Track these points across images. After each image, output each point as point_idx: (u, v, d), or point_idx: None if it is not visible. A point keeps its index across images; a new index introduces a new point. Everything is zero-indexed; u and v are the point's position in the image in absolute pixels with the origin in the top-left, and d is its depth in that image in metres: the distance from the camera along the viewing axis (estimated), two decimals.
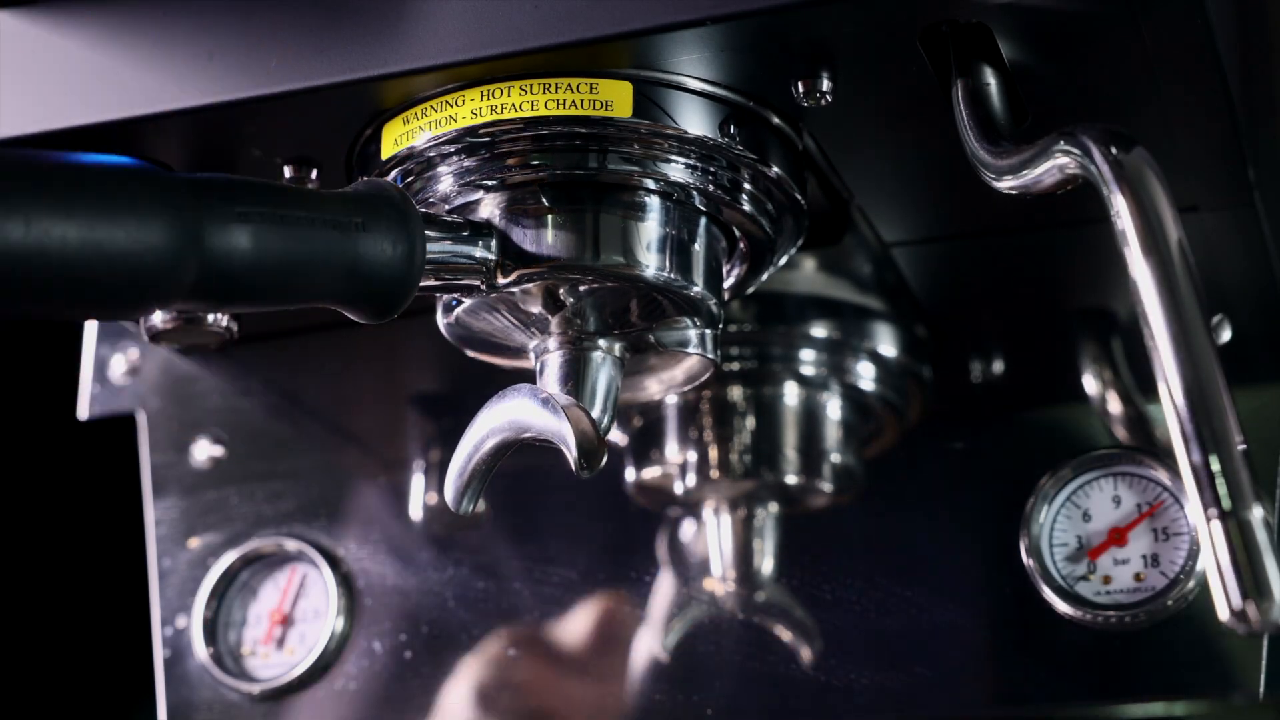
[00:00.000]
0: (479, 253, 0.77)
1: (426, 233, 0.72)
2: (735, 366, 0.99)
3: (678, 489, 1.01)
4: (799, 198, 0.83)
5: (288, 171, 0.84)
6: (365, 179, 0.75)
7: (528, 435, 0.78)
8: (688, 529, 1.02)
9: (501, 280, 0.78)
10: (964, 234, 0.95)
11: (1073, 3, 0.72)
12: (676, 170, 0.79)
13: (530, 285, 0.79)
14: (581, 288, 0.79)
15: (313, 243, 0.67)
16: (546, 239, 0.78)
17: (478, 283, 0.78)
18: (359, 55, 0.77)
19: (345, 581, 1.06)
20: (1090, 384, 0.98)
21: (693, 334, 0.82)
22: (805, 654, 0.97)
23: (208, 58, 0.79)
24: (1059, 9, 0.72)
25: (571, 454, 0.75)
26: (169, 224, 0.64)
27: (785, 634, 0.98)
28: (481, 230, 0.78)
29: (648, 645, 1.00)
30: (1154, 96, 0.78)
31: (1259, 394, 0.94)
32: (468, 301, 0.81)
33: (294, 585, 1.07)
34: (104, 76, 0.80)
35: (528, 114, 0.77)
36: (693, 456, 1.00)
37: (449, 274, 0.77)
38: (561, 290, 0.79)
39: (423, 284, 0.73)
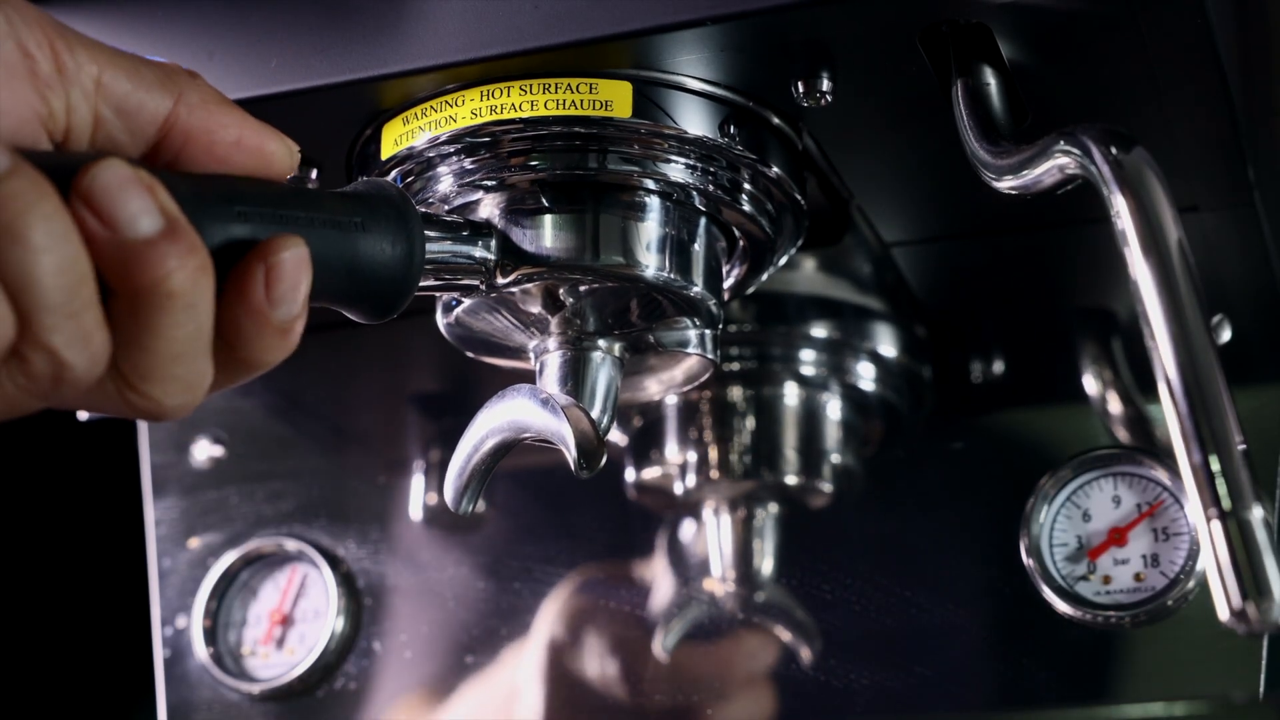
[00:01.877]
0: (478, 253, 0.77)
1: (426, 232, 0.72)
2: (735, 366, 0.99)
3: (678, 489, 1.01)
4: (799, 198, 0.83)
5: None
6: (365, 178, 0.74)
7: (527, 435, 0.78)
8: (688, 529, 1.02)
9: (501, 280, 0.78)
10: (964, 234, 0.95)
11: (1073, 3, 0.72)
12: (676, 170, 0.79)
13: (530, 285, 0.79)
14: (581, 288, 0.79)
15: (312, 242, 0.67)
16: (546, 239, 0.78)
17: (477, 283, 0.78)
18: (359, 55, 0.77)
19: (345, 581, 1.06)
20: (1090, 384, 0.98)
21: (692, 334, 0.82)
22: (805, 654, 0.97)
23: (208, 57, 0.79)
24: (1059, 9, 0.72)
25: (571, 454, 0.75)
26: None
27: (785, 634, 0.98)
28: (481, 230, 0.78)
29: (648, 645, 1.00)
30: (1154, 96, 0.78)
31: (1259, 394, 0.94)
32: (467, 301, 0.81)
33: (294, 585, 1.07)
34: None
35: (527, 114, 0.77)
36: (693, 457, 1.00)
37: (449, 274, 0.77)
38: (561, 290, 0.79)
39: (422, 284, 0.73)
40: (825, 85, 0.77)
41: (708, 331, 0.83)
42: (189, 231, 0.61)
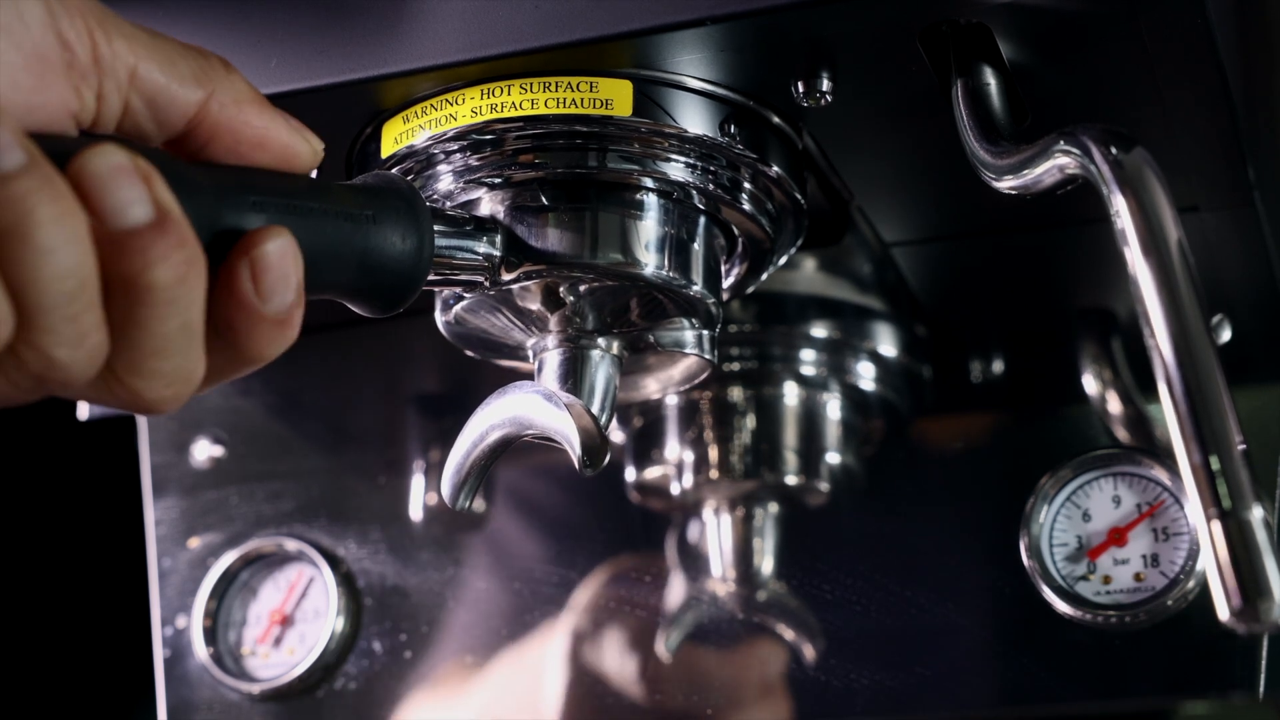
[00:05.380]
0: (483, 249, 0.77)
1: (435, 227, 0.72)
2: (735, 366, 0.99)
3: (678, 489, 1.01)
4: (799, 197, 0.83)
5: None
6: (375, 172, 0.74)
7: (530, 432, 0.78)
8: (688, 529, 1.02)
9: (505, 276, 0.78)
10: (964, 234, 0.95)
11: (1073, 3, 0.72)
12: (676, 169, 0.79)
13: (530, 283, 0.79)
14: (581, 286, 0.79)
15: (325, 234, 0.67)
16: (546, 237, 0.78)
17: (481, 279, 0.78)
18: (359, 55, 0.77)
19: (345, 581, 1.06)
20: (1090, 384, 0.98)
21: (690, 334, 0.82)
22: (805, 654, 0.97)
23: None
24: (1059, 9, 0.72)
25: (575, 452, 0.75)
26: (185, 212, 0.64)
27: (785, 634, 0.98)
28: (486, 226, 0.78)
29: (648, 645, 1.00)
30: (1154, 96, 0.78)
31: (1259, 394, 0.94)
32: (467, 299, 0.81)
33: (294, 585, 1.07)
34: None
35: (528, 112, 0.77)
36: (693, 456, 1.00)
37: (453, 269, 0.77)
38: (561, 288, 0.79)
39: (429, 278, 0.73)
40: (825, 85, 0.77)
41: (706, 331, 0.83)
42: (180, 224, 0.59)
